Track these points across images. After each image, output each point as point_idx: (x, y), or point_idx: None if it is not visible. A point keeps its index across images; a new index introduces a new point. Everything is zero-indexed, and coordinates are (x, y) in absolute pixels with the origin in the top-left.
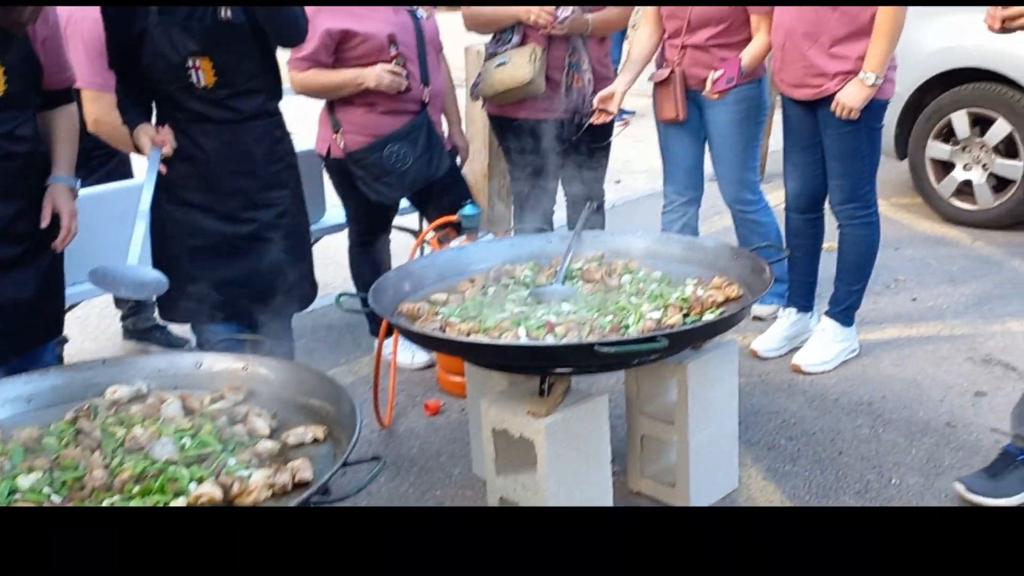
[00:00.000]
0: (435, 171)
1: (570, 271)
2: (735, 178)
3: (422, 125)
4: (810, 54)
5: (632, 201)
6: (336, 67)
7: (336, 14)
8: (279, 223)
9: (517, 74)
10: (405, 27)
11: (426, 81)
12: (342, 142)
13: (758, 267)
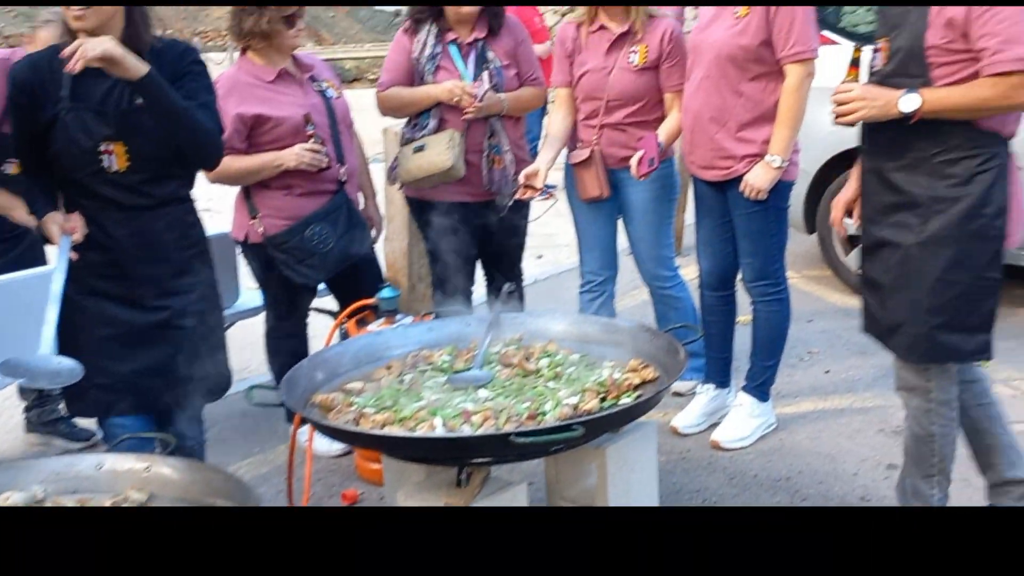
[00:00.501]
0: (358, 249)
1: (488, 355)
2: (652, 255)
3: (342, 204)
4: (718, 138)
5: (555, 276)
6: (250, 152)
7: (246, 99)
8: (192, 310)
9: (437, 160)
10: (317, 107)
11: (341, 160)
12: (260, 227)
13: (673, 348)
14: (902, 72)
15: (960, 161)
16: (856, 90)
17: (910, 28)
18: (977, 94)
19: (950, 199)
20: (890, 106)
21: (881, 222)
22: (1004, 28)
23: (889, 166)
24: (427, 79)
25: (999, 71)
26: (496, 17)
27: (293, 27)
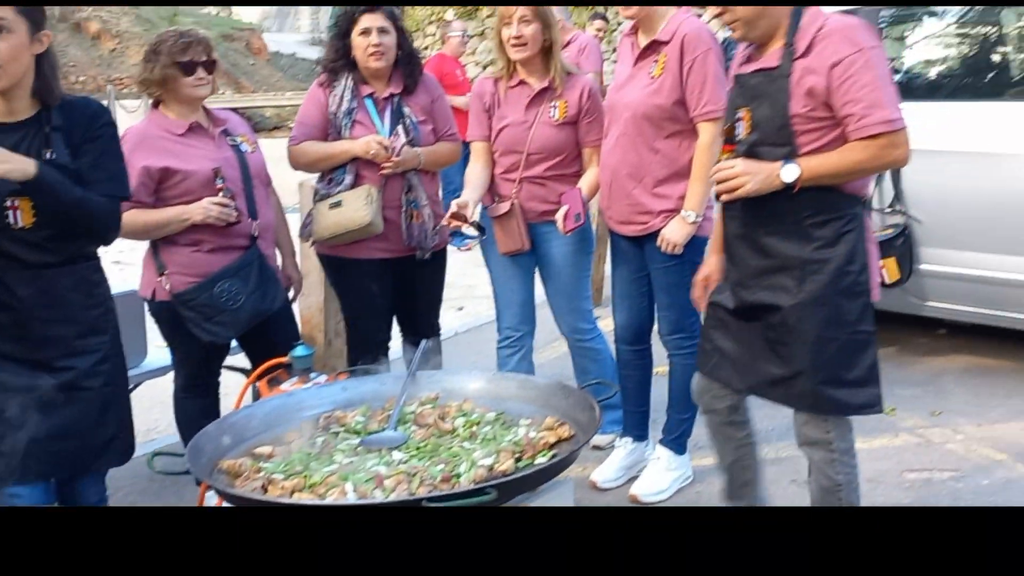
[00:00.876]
0: (270, 305)
1: (403, 415)
2: (571, 308)
3: (253, 260)
4: (635, 193)
5: (475, 328)
6: (158, 206)
7: (154, 152)
8: (98, 371)
9: (355, 216)
10: (229, 161)
11: (254, 214)
12: (168, 284)
13: (588, 406)
14: (768, 141)
15: (827, 224)
16: (738, 165)
17: (772, 99)
18: (851, 158)
19: (821, 260)
20: (772, 178)
21: (755, 286)
22: (866, 94)
23: (760, 232)
24: (344, 134)
25: (868, 134)
26: (411, 74)
27: (191, 75)
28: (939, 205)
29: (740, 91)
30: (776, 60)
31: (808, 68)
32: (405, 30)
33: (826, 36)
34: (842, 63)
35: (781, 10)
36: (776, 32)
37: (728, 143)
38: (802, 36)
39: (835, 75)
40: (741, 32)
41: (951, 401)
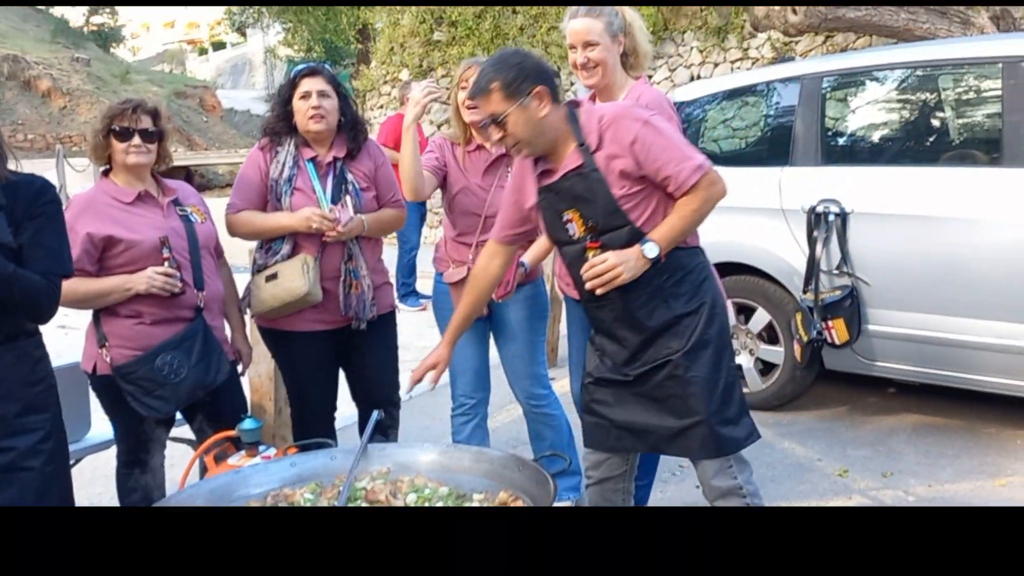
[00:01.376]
0: (213, 378)
1: (354, 491)
2: (526, 374)
3: (197, 332)
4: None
5: (429, 392)
6: (101, 276)
7: (99, 220)
8: (39, 449)
9: (291, 287)
10: (177, 231)
11: (200, 285)
12: (108, 356)
13: (542, 479)
14: (608, 228)
15: (684, 280)
16: (610, 258)
17: (592, 192)
18: (689, 210)
19: (692, 311)
20: (640, 260)
21: (642, 357)
22: (669, 155)
23: (632, 310)
24: (283, 201)
25: (689, 186)
26: (355, 139)
27: (125, 141)
28: (885, 267)
29: (557, 198)
30: (577, 160)
31: (610, 155)
32: (348, 96)
33: (611, 123)
34: (637, 139)
35: (555, 121)
36: (557, 139)
37: (593, 240)
38: (589, 132)
39: (637, 151)
40: (526, 151)
41: (902, 462)
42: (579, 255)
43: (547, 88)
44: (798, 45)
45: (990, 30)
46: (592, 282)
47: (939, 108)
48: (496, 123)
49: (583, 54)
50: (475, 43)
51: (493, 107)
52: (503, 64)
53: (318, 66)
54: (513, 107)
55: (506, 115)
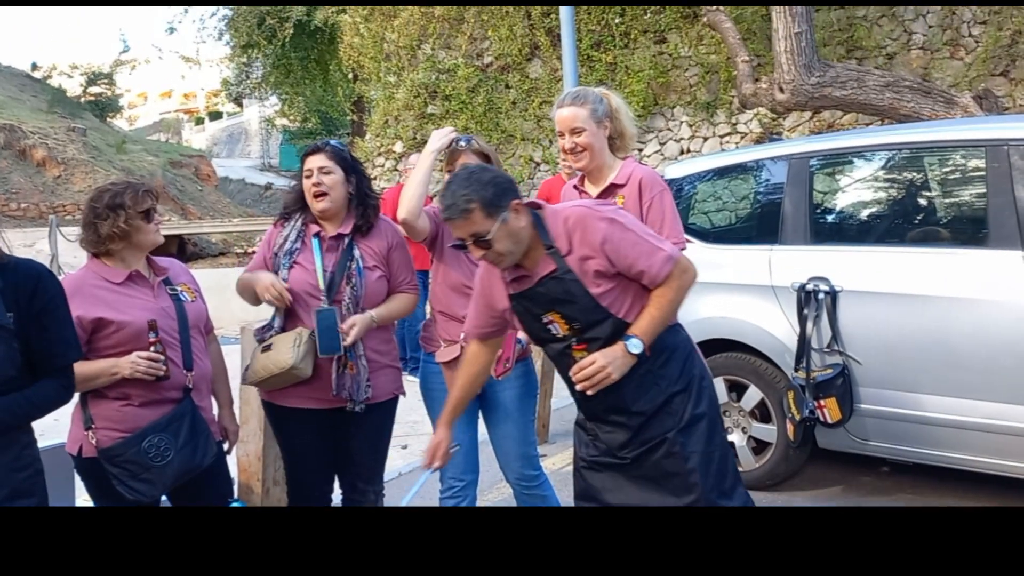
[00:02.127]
0: (201, 460)
1: None
2: (518, 454)
3: (185, 414)
4: None
5: (418, 468)
6: (89, 357)
7: (88, 302)
8: None
9: (278, 359)
10: (167, 311)
11: (189, 366)
12: (94, 439)
13: None
14: (593, 324)
15: (670, 361)
16: (598, 359)
17: (571, 293)
18: (665, 300)
19: (680, 391)
20: (626, 357)
21: (638, 438)
22: (639, 250)
23: (623, 399)
24: (281, 273)
25: (663, 278)
26: (364, 215)
27: (151, 221)
28: (875, 345)
29: (533, 303)
30: (550, 265)
31: (582, 256)
32: (359, 171)
33: (577, 225)
34: (606, 239)
35: (527, 228)
36: (529, 246)
37: (580, 342)
38: (557, 236)
39: (608, 251)
40: (507, 262)
41: None
42: (564, 352)
43: (519, 199)
44: (785, 121)
45: (973, 109)
46: (583, 384)
47: (925, 188)
48: (478, 242)
49: (571, 140)
50: (468, 117)
51: (476, 227)
52: (477, 183)
53: (321, 144)
54: (496, 225)
55: (491, 234)
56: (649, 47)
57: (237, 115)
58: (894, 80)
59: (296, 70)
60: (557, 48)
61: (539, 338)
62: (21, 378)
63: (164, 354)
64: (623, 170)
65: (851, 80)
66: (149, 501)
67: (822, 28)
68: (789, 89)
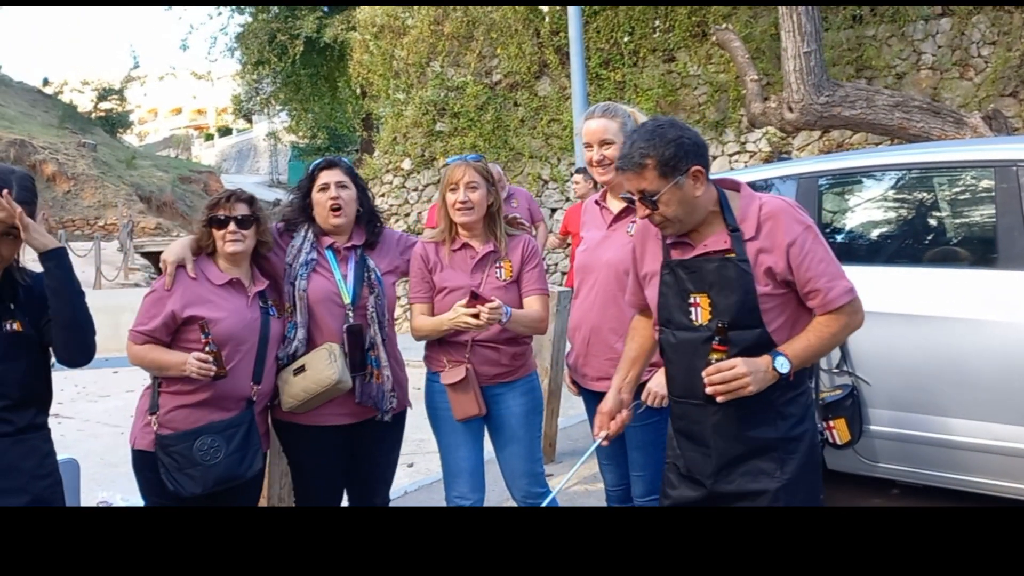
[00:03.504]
0: (244, 471)
1: None
2: (524, 472)
3: (242, 423)
4: (618, 347)
5: (425, 486)
6: (171, 346)
7: (186, 296)
8: None
9: (321, 378)
10: (253, 323)
11: (258, 380)
12: (156, 424)
13: None
14: (739, 325)
15: (795, 400)
16: (739, 366)
17: (736, 284)
18: (827, 332)
19: (796, 438)
20: (770, 373)
21: (731, 474)
22: (824, 268)
23: (735, 420)
24: (299, 283)
25: (836, 307)
26: (372, 231)
27: (223, 228)
28: (884, 366)
29: (689, 277)
30: (725, 244)
31: (761, 249)
32: (366, 188)
33: (771, 217)
34: (796, 242)
35: (707, 201)
36: (704, 220)
37: (721, 343)
38: (746, 219)
39: (793, 254)
40: (672, 230)
41: None
42: (694, 345)
43: (703, 167)
44: (795, 140)
45: (983, 130)
46: (716, 388)
47: (935, 208)
48: (645, 200)
49: (599, 152)
50: (476, 134)
51: (645, 184)
52: (661, 139)
53: (336, 159)
54: (668, 186)
55: (660, 195)
56: (658, 65)
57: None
58: (903, 100)
59: (305, 87)
60: (566, 66)
61: (668, 319)
62: (39, 387)
63: (219, 356)
64: None
65: (860, 100)
66: (185, 495)
67: (831, 48)
68: (798, 108)
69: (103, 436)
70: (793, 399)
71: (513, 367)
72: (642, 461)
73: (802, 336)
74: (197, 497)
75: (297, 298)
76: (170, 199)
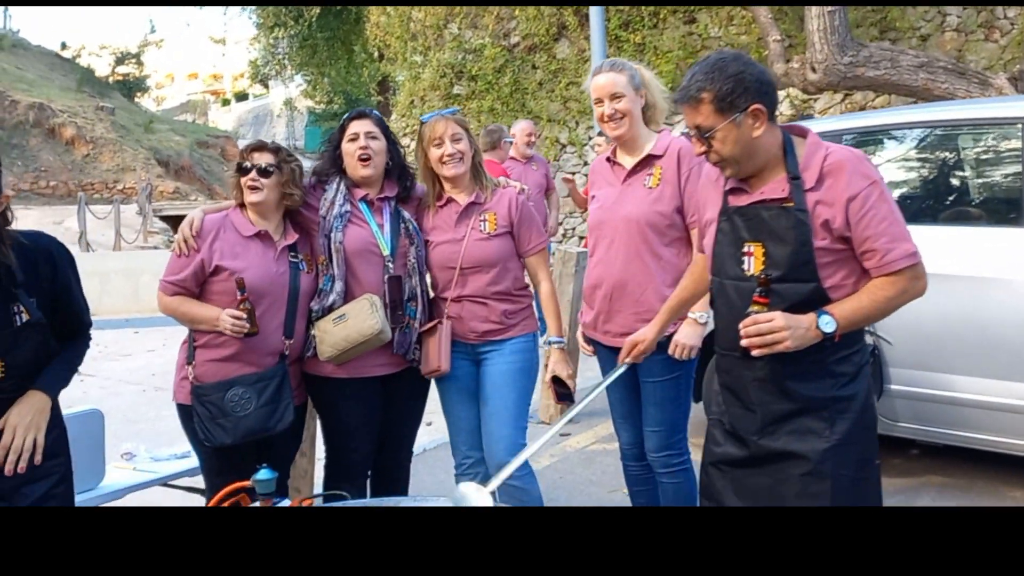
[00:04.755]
0: (274, 425)
1: None
2: (503, 435)
3: (275, 376)
4: (644, 299)
5: (443, 444)
6: (201, 297)
7: (215, 246)
8: (53, 494)
9: (363, 327)
10: (282, 277)
11: (290, 334)
12: (192, 375)
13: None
14: (790, 278)
15: (848, 359)
16: (778, 319)
17: (792, 234)
18: (882, 295)
19: (847, 398)
20: (811, 331)
21: (778, 432)
22: (886, 227)
23: (783, 375)
24: (334, 235)
25: (895, 270)
26: (403, 184)
27: (245, 175)
28: (906, 326)
29: (745, 224)
30: (783, 192)
31: (821, 201)
32: (397, 141)
33: (835, 168)
34: (858, 197)
35: (770, 144)
36: (765, 164)
37: (761, 295)
38: (809, 167)
39: (853, 209)
40: (730, 171)
41: None
42: (743, 296)
43: (765, 106)
44: (817, 103)
45: (1008, 90)
46: (751, 340)
47: (959, 167)
48: (700, 136)
49: (611, 106)
50: (494, 97)
51: (700, 119)
52: (720, 72)
53: (366, 110)
54: (724, 123)
55: (714, 131)
56: (679, 27)
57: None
58: (928, 61)
59: (322, 50)
60: (585, 28)
61: (720, 268)
62: (48, 359)
63: (252, 313)
64: (660, 141)
65: (884, 60)
66: (216, 445)
67: (855, 9)
68: (821, 69)
69: (125, 394)
70: (845, 358)
71: (505, 325)
72: (658, 417)
73: (854, 297)
74: (233, 447)
75: (333, 250)
76: (188, 163)
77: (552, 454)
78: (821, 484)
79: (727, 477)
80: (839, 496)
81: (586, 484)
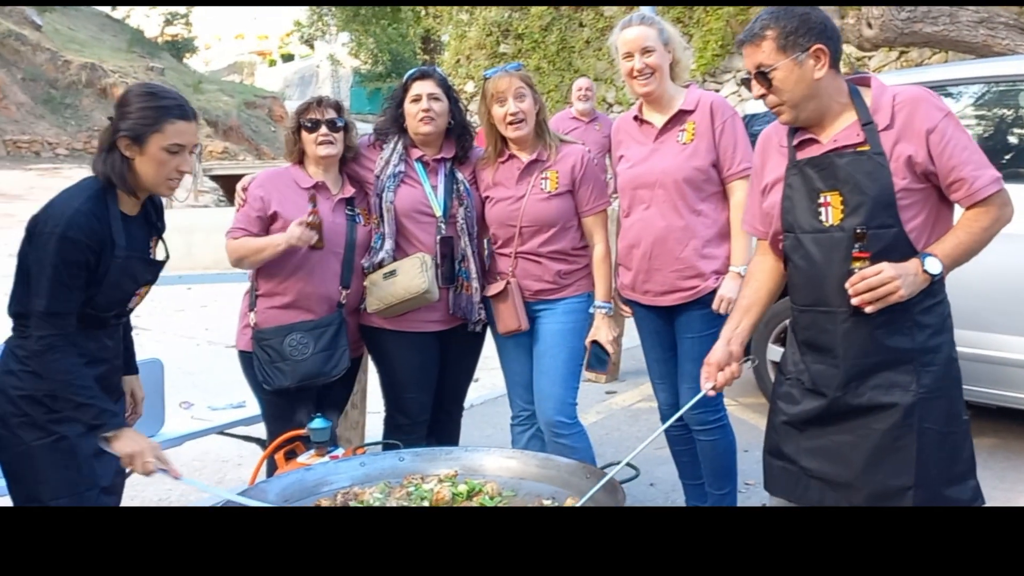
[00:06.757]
0: (331, 370)
1: (421, 493)
2: (552, 394)
3: (332, 323)
4: (685, 256)
5: (491, 400)
6: None
7: (273, 195)
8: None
9: (410, 285)
10: (338, 227)
11: (347, 284)
12: (254, 320)
13: (611, 487)
14: (873, 224)
15: (933, 309)
16: (887, 270)
17: (872, 178)
18: (978, 226)
19: (933, 350)
20: (920, 275)
21: (861, 387)
22: (969, 155)
23: (869, 327)
24: (386, 195)
25: (984, 196)
26: (463, 144)
27: (315, 132)
28: (958, 285)
29: (818, 174)
30: (857, 137)
31: (899, 139)
32: (459, 101)
33: (908, 104)
34: (937, 128)
35: (831, 88)
36: (829, 110)
37: (861, 249)
38: (879, 110)
39: (933, 141)
40: (788, 116)
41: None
42: (824, 248)
43: (829, 49)
44: (871, 60)
45: None
46: (863, 297)
47: (1019, 124)
48: (761, 76)
49: (641, 60)
50: (541, 56)
51: (762, 57)
52: (786, 12)
53: (430, 69)
54: (785, 60)
55: (775, 68)
56: None
57: (309, 57)
58: (989, 16)
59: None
60: None
61: (794, 223)
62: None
63: (320, 226)
64: (690, 96)
65: (943, 16)
66: (273, 388)
67: None
68: (878, 24)
69: (180, 347)
70: (931, 307)
71: (559, 284)
72: (695, 373)
73: (951, 234)
74: (289, 393)
75: (384, 210)
76: (236, 124)
77: (599, 411)
78: (907, 437)
79: (804, 436)
80: (925, 450)
81: (633, 441)
